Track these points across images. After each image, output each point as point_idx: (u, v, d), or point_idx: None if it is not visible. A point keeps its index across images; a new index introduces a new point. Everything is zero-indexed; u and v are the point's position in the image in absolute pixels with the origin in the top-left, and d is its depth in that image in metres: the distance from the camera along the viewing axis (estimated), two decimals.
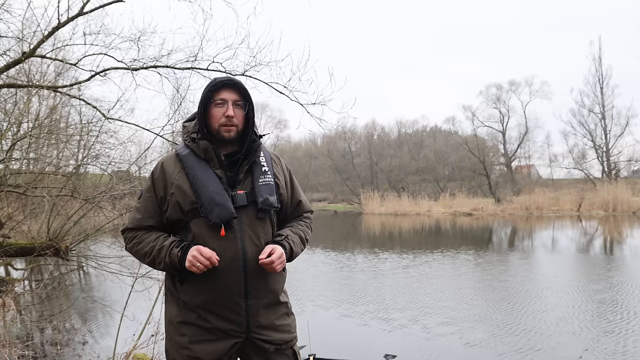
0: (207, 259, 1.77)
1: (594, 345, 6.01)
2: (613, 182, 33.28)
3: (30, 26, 5.91)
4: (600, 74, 38.82)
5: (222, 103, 1.93)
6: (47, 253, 5.84)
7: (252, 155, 1.98)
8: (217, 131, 1.94)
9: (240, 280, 1.87)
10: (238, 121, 1.95)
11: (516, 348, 5.99)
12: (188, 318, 1.90)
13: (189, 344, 1.88)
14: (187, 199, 1.88)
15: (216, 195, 1.86)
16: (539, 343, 6.13)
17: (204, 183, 1.88)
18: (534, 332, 6.60)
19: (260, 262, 1.84)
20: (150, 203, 1.96)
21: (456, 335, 6.54)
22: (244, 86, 1.98)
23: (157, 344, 4.87)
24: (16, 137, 6.73)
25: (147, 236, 1.94)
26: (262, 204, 1.92)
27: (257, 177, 1.96)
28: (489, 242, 19.14)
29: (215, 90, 1.94)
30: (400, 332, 6.72)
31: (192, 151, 1.95)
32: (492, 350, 5.93)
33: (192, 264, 1.78)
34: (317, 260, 13.46)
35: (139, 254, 1.95)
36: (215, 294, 1.86)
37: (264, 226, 1.95)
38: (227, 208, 1.85)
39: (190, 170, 1.91)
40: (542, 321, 7.09)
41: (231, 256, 1.85)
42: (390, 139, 49.80)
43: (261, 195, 1.93)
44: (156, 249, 1.88)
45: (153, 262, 1.92)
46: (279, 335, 1.97)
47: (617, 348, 5.88)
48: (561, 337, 6.35)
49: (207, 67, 5.92)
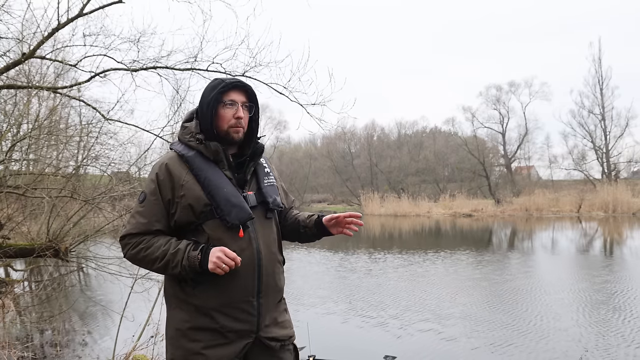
0: (232, 259, 1.77)
1: (594, 346, 6.00)
2: (613, 183, 33.28)
3: (30, 27, 5.93)
4: (600, 75, 38.90)
5: (232, 104, 1.93)
6: (47, 254, 5.83)
7: (257, 156, 2.01)
8: (226, 132, 1.93)
9: (255, 279, 1.88)
10: (245, 123, 1.97)
11: (516, 348, 5.98)
12: (201, 323, 1.86)
13: (203, 350, 1.84)
14: (200, 201, 1.85)
15: (232, 197, 1.86)
16: (539, 344, 6.13)
17: (217, 185, 1.87)
18: (535, 332, 6.60)
19: (353, 217, 2.00)
20: (157, 206, 1.89)
21: (456, 336, 6.53)
22: (252, 88, 1.99)
23: (157, 345, 4.87)
24: (16, 138, 6.72)
25: (155, 241, 1.86)
26: (273, 205, 1.97)
27: (262, 178, 2.01)
28: (489, 243, 19.14)
29: (224, 92, 1.93)
30: (400, 333, 6.72)
31: (198, 152, 1.92)
32: (493, 351, 5.92)
33: (217, 266, 1.76)
34: (316, 261, 13.45)
35: (146, 259, 1.87)
36: (231, 295, 1.86)
37: (271, 226, 2.00)
38: (245, 209, 1.87)
39: (200, 172, 1.88)
40: (542, 322, 7.09)
41: (248, 256, 1.86)
42: (390, 140, 49.80)
43: (270, 196, 1.98)
44: (170, 252, 1.82)
45: (166, 267, 1.84)
46: (282, 331, 2.00)
47: (617, 349, 5.88)
48: (561, 338, 6.35)
49: (206, 68, 5.94)
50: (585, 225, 25.72)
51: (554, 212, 32.54)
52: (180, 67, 6.05)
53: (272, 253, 1.95)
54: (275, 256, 1.98)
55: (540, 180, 42.51)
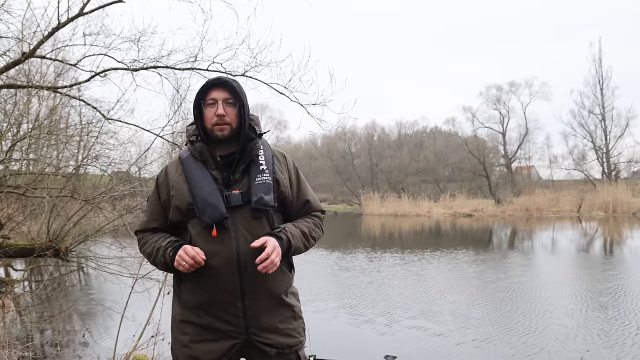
0: (191, 257, 1.79)
1: (594, 346, 5.99)
2: (613, 183, 33.27)
3: (30, 27, 5.92)
4: (600, 75, 38.90)
5: (212, 103, 1.94)
6: (47, 254, 5.82)
7: (247, 154, 1.96)
8: (210, 131, 1.95)
9: (235, 280, 1.86)
10: (231, 119, 1.94)
11: (517, 349, 5.97)
12: (188, 317, 1.94)
13: (189, 343, 1.92)
14: (185, 200, 1.92)
15: (209, 196, 1.88)
16: (539, 344, 6.12)
17: (198, 184, 1.92)
18: (535, 333, 6.59)
19: (257, 261, 1.78)
20: (155, 206, 2.04)
21: (456, 336, 6.53)
22: (233, 84, 1.96)
23: (157, 345, 4.86)
24: (16, 137, 6.72)
25: (151, 237, 2.02)
26: (256, 203, 1.89)
27: (254, 176, 1.94)
28: (489, 243, 19.13)
29: (205, 91, 1.96)
30: (400, 333, 6.71)
31: (191, 154, 2.00)
32: (493, 351, 5.91)
33: (178, 263, 1.82)
34: (317, 261, 13.44)
35: (144, 254, 2.04)
36: (211, 294, 1.88)
37: (261, 226, 1.91)
38: (217, 208, 1.86)
39: (189, 172, 1.95)
40: (543, 322, 7.08)
41: (225, 256, 1.84)
42: (390, 140, 49.79)
43: (255, 194, 1.90)
44: (155, 249, 1.95)
45: (154, 262, 1.99)
46: (282, 339, 1.93)
47: (618, 349, 5.87)
48: (562, 338, 6.34)
49: (207, 68, 5.92)
50: (586, 225, 25.71)
51: (554, 212, 32.53)
52: (180, 67, 6.03)
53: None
54: None
55: (540, 180, 42.51)
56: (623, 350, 5.82)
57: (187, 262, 1.80)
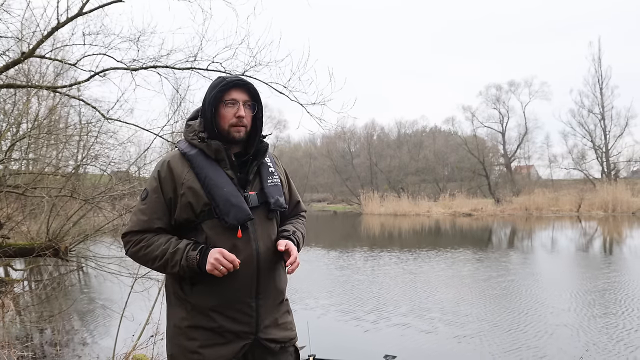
0: (230, 262, 1.76)
1: (594, 346, 6.00)
2: (612, 182, 33.29)
3: (30, 26, 5.90)
4: (600, 75, 38.93)
5: (233, 103, 1.91)
6: (47, 253, 5.83)
7: (261, 156, 1.98)
8: (227, 131, 1.92)
9: (253, 280, 1.87)
10: (248, 122, 1.94)
11: (516, 348, 5.98)
12: (198, 322, 1.86)
13: (199, 348, 1.84)
14: (200, 200, 1.84)
15: (231, 196, 1.84)
16: (539, 343, 6.13)
17: (217, 184, 1.85)
18: (535, 332, 6.60)
19: (287, 263, 1.88)
20: (158, 204, 1.88)
21: (456, 335, 6.53)
22: (254, 87, 1.96)
23: (157, 344, 4.86)
24: (15, 137, 6.72)
25: (156, 239, 1.86)
26: (274, 205, 1.93)
27: (265, 177, 1.97)
28: (489, 242, 19.14)
29: (225, 90, 1.91)
30: (400, 333, 6.72)
31: (200, 151, 1.91)
32: (493, 351, 5.92)
33: (214, 267, 1.75)
34: (316, 261, 13.44)
35: (146, 257, 1.87)
36: (228, 296, 1.84)
37: (273, 226, 1.97)
38: (243, 210, 1.84)
39: (201, 170, 1.87)
40: (542, 321, 7.08)
41: (246, 257, 1.84)
42: (390, 139, 49.80)
43: (272, 196, 1.94)
44: (169, 252, 1.81)
45: (165, 266, 1.84)
46: (283, 333, 1.97)
47: (618, 349, 5.88)
48: (561, 337, 6.35)
49: (206, 67, 5.91)
50: (585, 224, 25.73)
51: (554, 211, 32.55)
52: (180, 67, 6.03)
53: (272, 254, 1.91)
54: (276, 257, 1.94)
55: (540, 180, 42.55)
56: (623, 350, 5.83)
57: (226, 266, 1.75)
